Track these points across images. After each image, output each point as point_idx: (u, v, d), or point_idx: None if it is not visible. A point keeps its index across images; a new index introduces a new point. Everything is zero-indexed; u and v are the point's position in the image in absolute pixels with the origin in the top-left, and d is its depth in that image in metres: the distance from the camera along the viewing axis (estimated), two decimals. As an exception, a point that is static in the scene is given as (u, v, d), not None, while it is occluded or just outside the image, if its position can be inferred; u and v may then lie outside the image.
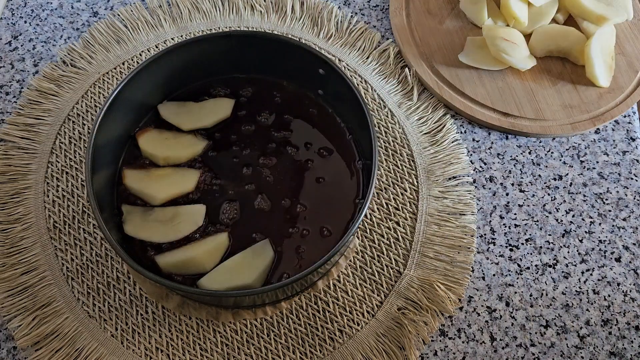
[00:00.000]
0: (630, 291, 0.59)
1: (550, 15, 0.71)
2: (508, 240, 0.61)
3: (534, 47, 0.69)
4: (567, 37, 0.69)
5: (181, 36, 0.72)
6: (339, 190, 0.57)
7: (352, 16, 0.74)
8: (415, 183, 0.63)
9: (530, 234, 0.61)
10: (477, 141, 0.67)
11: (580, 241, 0.61)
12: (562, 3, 0.71)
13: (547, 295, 0.58)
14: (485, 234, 0.61)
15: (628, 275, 0.59)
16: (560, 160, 0.65)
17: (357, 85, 0.68)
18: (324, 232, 0.55)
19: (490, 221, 0.62)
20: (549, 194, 0.63)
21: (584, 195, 0.64)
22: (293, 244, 0.54)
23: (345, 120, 0.60)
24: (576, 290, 0.59)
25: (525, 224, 0.62)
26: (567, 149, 0.66)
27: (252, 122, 0.60)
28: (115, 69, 0.69)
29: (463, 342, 0.56)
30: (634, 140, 0.67)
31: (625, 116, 0.68)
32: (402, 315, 0.56)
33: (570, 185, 0.64)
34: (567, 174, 0.65)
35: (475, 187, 0.64)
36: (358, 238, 0.60)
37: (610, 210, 0.63)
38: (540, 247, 0.61)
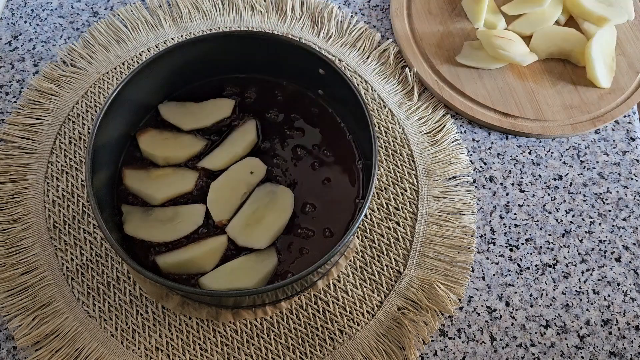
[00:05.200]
0: (630, 291, 0.59)
1: (553, 17, 0.70)
2: (508, 240, 0.61)
3: (535, 49, 0.69)
4: (568, 39, 0.69)
5: (181, 36, 0.72)
6: (339, 190, 0.57)
7: (352, 16, 0.74)
8: (415, 183, 0.63)
9: (530, 234, 0.61)
10: (477, 141, 0.67)
11: (580, 241, 0.61)
12: (563, 4, 0.71)
13: (547, 295, 0.58)
14: (485, 234, 0.61)
15: (628, 275, 0.59)
16: (560, 160, 0.65)
17: (357, 85, 0.68)
18: (326, 232, 0.55)
19: (490, 221, 0.62)
20: (549, 194, 0.63)
21: (584, 195, 0.63)
22: (298, 245, 0.54)
23: (345, 120, 0.60)
24: (576, 290, 0.59)
25: (525, 224, 0.62)
26: (567, 149, 0.66)
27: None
28: (115, 69, 0.69)
29: (463, 342, 0.56)
30: (634, 140, 0.67)
31: (625, 116, 0.68)
32: (402, 315, 0.56)
33: (570, 185, 0.64)
34: (567, 174, 0.65)
35: (475, 187, 0.64)
36: (358, 238, 0.60)
37: (610, 210, 0.63)
38: (540, 247, 0.61)
